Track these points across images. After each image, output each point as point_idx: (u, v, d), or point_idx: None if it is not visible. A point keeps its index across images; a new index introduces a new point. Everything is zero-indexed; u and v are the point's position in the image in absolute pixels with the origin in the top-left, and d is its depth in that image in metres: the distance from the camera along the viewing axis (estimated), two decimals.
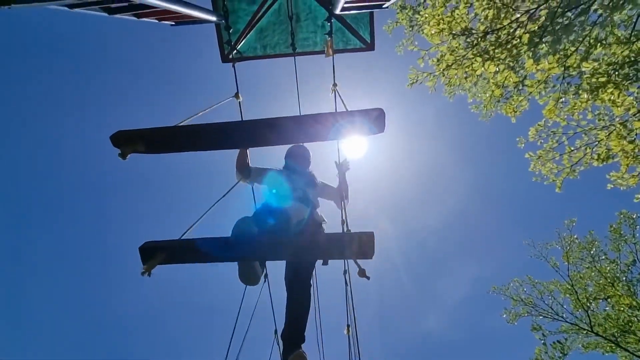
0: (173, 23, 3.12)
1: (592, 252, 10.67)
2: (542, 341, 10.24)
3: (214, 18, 3.22)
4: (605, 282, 10.18)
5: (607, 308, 10.22)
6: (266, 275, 3.20)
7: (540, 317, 10.77)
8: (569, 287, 10.66)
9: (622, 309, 9.72)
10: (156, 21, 2.82)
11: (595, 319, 10.18)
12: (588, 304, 10.35)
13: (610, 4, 4.28)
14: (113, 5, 2.09)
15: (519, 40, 5.16)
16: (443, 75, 5.92)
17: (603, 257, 10.58)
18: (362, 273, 1.40)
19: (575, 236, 10.95)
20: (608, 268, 10.34)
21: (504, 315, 11.25)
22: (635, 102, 4.98)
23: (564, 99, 5.46)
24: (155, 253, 1.50)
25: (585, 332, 10.21)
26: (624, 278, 10.14)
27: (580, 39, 4.74)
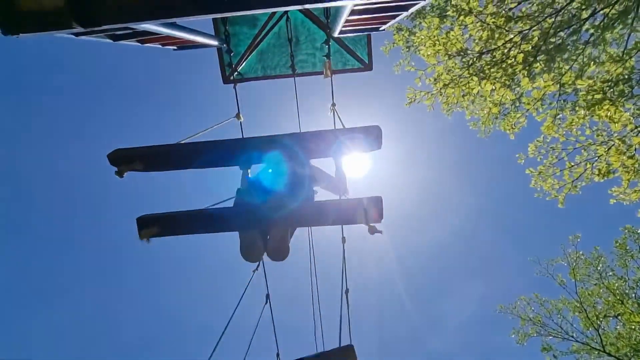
0: (175, 48, 3.20)
1: (598, 268, 10.46)
2: None
3: (215, 42, 3.30)
4: (614, 299, 9.93)
5: (618, 326, 9.92)
6: (268, 296, 3.14)
7: (550, 337, 10.45)
8: (578, 305, 10.38)
9: (633, 327, 9.43)
10: (159, 46, 2.90)
11: (606, 338, 9.87)
12: (598, 322, 10.05)
13: (601, 24, 4.40)
14: (117, 33, 2.15)
15: (513, 59, 5.27)
16: (440, 94, 6.02)
17: (610, 274, 10.36)
18: (372, 230, 1.42)
19: (580, 252, 10.78)
20: (616, 284, 10.10)
21: (513, 335, 10.93)
22: (632, 118, 5.03)
23: (561, 115, 5.52)
24: (151, 224, 1.48)
25: (597, 352, 9.87)
26: (633, 295, 9.89)
27: (574, 58, 4.84)
